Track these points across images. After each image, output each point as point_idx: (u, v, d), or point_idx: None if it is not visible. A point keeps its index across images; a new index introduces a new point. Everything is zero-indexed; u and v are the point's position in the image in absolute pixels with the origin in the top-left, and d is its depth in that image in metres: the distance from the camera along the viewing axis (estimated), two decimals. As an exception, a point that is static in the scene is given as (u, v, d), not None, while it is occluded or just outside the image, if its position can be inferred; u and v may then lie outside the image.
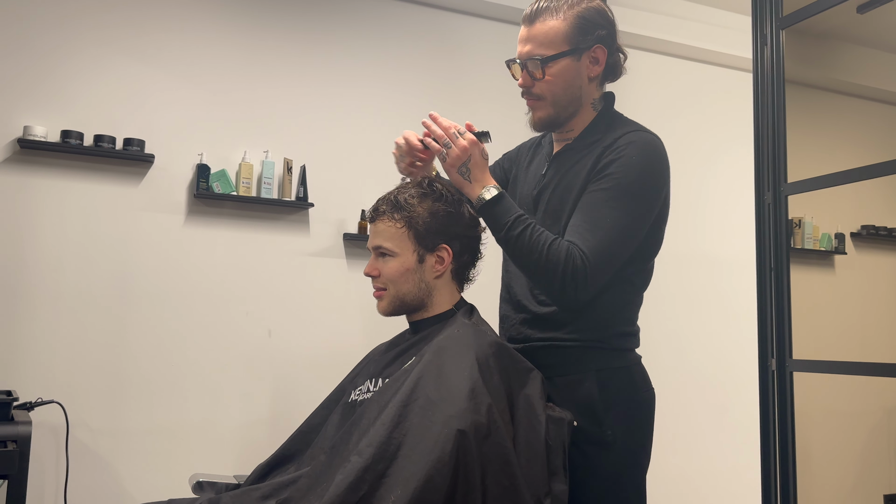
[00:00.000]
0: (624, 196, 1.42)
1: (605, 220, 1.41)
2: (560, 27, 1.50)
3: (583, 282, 1.38)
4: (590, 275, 1.38)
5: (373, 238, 1.56)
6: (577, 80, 1.53)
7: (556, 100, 1.53)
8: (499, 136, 1.94)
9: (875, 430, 3.15)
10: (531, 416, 1.39)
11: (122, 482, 2.83)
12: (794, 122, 2.09)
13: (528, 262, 1.42)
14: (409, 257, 1.51)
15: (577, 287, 1.38)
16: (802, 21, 2.05)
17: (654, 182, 1.47)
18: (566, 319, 1.51)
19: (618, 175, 1.43)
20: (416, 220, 1.51)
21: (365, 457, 1.25)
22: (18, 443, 2.09)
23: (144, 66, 3.00)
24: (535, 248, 1.40)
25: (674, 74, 3.94)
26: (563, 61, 1.51)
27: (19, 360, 2.74)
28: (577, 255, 1.38)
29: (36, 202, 2.81)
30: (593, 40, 1.52)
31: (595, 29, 1.52)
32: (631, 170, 1.44)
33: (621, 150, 1.45)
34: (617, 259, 1.44)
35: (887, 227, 3.40)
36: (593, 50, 1.52)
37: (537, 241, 1.40)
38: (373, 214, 1.57)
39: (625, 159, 1.44)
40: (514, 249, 1.44)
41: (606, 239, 1.40)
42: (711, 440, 3.76)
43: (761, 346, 2.04)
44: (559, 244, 1.40)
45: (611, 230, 1.41)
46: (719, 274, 3.88)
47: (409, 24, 3.47)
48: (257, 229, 3.13)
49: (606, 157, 1.46)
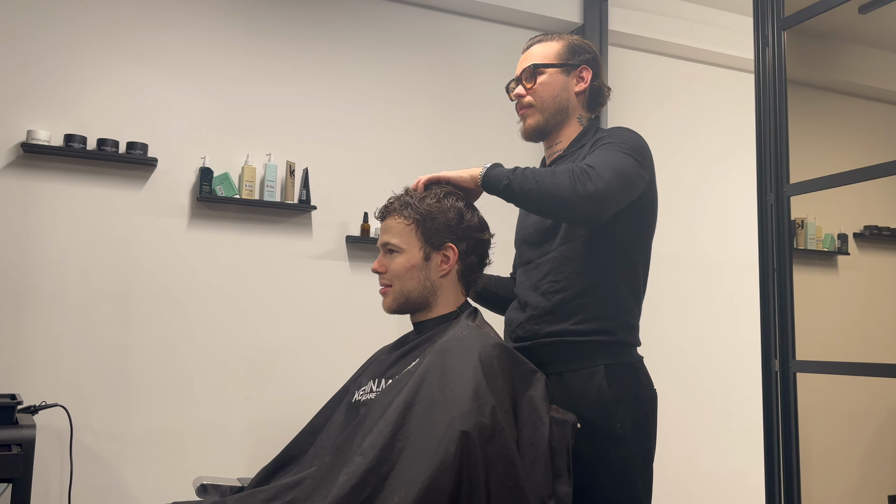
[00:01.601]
0: (620, 145, 1.53)
1: (605, 153, 1.50)
2: (554, 46, 1.71)
3: (595, 177, 1.41)
4: (597, 175, 1.42)
5: (382, 235, 1.59)
6: (563, 92, 1.68)
7: (545, 106, 1.67)
8: (500, 140, 1.96)
9: (879, 431, 3.14)
10: (535, 418, 1.39)
11: (126, 485, 2.83)
12: (796, 123, 2.09)
13: (539, 190, 1.44)
14: (416, 254, 1.54)
15: (590, 179, 1.41)
16: (804, 22, 2.05)
17: (645, 150, 1.56)
18: (573, 311, 1.54)
19: (612, 138, 1.55)
20: (425, 218, 1.54)
21: (368, 458, 1.25)
22: (23, 446, 2.09)
23: (147, 70, 3.00)
24: (542, 174, 1.45)
25: (675, 76, 3.94)
26: (553, 70, 1.68)
27: (23, 363, 2.74)
28: (582, 166, 1.44)
29: (40, 206, 2.82)
30: (580, 61, 1.70)
31: (583, 53, 1.71)
32: (623, 135, 1.57)
33: (608, 133, 1.59)
34: (620, 175, 1.46)
35: (890, 227, 3.39)
36: (580, 69, 1.69)
37: (540, 171, 1.47)
38: (383, 212, 1.60)
39: (615, 134, 1.58)
40: (522, 186, 1.46)
41: (606, 157, 1.48)
42: (715, 441, 3.76)
43: (764, 348, 2.04)
44: (562, 167, 1.47)
45: (610, 154, 1.50)
46: (722, 275, 3.88)
47: (411, 28, 3.47)
48: (260, 232, 3.13)
49: (594, 140, 1.60)
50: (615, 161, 1.47)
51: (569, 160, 1.62)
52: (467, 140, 3.47)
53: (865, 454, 3.13)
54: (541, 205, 1.48)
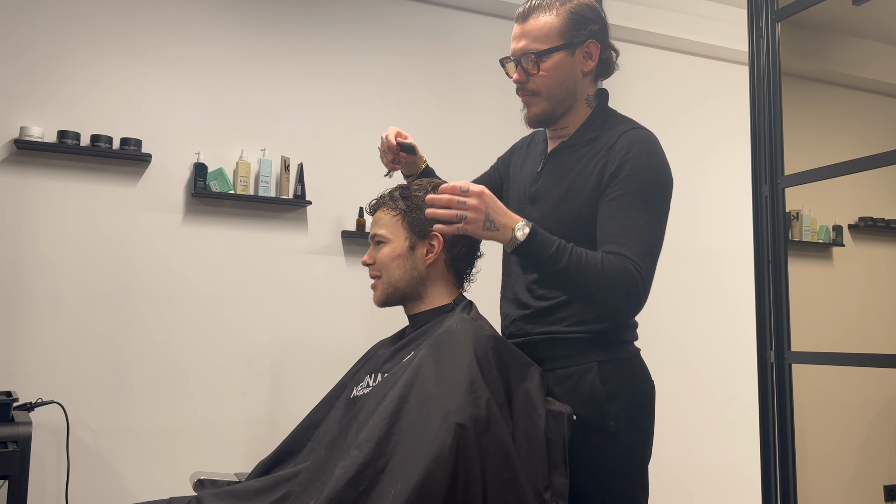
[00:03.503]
0: (646, 198, 1.44)
1: (638, 224, 1.42)
2: (553, 22, 1.51)
3: (643, 289, 1.39)
4: (646, 281, 1.40)
5: (371, 227, 1.63)
6: (571, 75, 1.54)
7: (551, 94, 1.54)
8: (497, 132, 1.95)
9: (875, 422, 3.16)
10: (531, 410, 1.39)
11: (123, 481, 2.83)
12: (791, 115, 2.09)
13: (585, 286, 1.40)
14: (401, 243, 1.56)
15: (639, 295, 1.39)
16: (798, 13, 2.05)
17: (666, 178, 1.49)
18: (565, 313, 1.52)
19: (635, 178, 1.44)
20: (411, 208, 1.56)
21: (364, 451, 1.25)
22: (19, 443, 2.09)
23: (141, 66, 2.99)
24: (590, 270, 1.37)
25: (669, 68, 3.94)
26: (557, 55, 1.52)
27: (19, 360, 2.74)
28: (629, 266, 1.38)
29: (33, 203, 2.81)
30: (586, 35, 1.53)
31: (588, 24, 1.53)
32: (645, 171, 1.45)
33: (628, 153, 1.46)
34: (656, 259, 1.46)
35: (885, 218, 3.40)
36: (586, 45, 1.53)
37: (588, 263, 1.38)
38: (374, 207, 1.63)
39: (635, 160, 1.45)
40: (565, 280, 1.40)
41: (645, 242, 1.42)
42: (711, 433, 3.77)
43: (760, 339, 2.05)
44: (610, 260, 1.39)
45: (646, 233, 1.42)
46: (717, 267, 3.88)
47: (405, 21, 3.47)
48: (255, 228, 3.13)
49: (615, 161, 1.47)
50: (653, 245, 1.44)
51: (574, 153, 1.54)
52: (463, 134, 3.46)
53: (861, 444, 3.15)
54: (584, 297, 1.46)
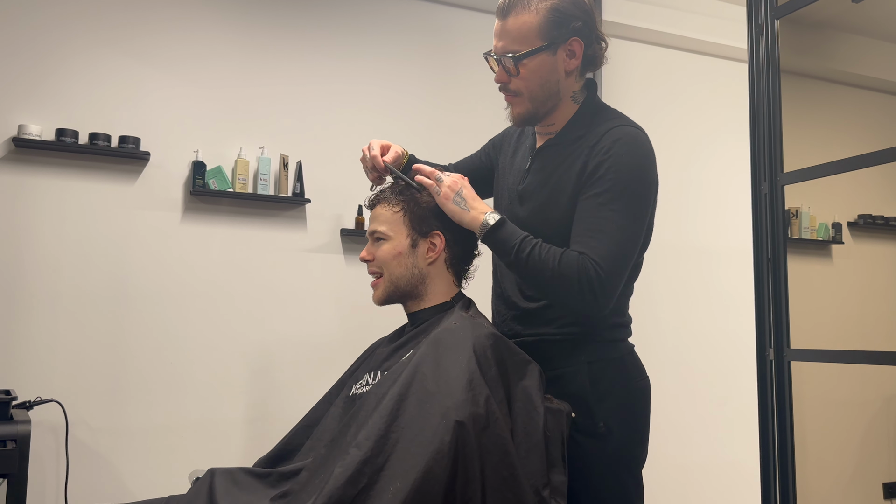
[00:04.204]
0: (621, 197, 1.40)
1: (608, 224, 1.39)
2: (533, 21, 1.44)
3: (600, 290, 1.37)
4: (605, 281, 1.37)
5: (370, 223, 1.60)
6: (553, 76, 1.49)
7: (533, 96, 1.50)
8: (493, 129, 1.95)
9: (874, 419, 3.16)
10: (529, 408, 1.39)
11: (122, 480, 2.83)
12: (790, 112, 2.09)
13: (541, 280, 1.41)
14: (403, 241, 1.54)
15: (596, 296, 1.37)
16: (797, 10, 2.05)
17: (646, 178, 1.45)
18: (554, 315, 1.51)
19: (611, 177, 1.41)
20: (413, 206, 1.55)
21: (364, 450, 1.25)
22: (18, 442, 2.09)
23: (139, 64, 2.99)
24: (546, 265, 1.38)
25: (668, 65, 3.93)
26: (537, 57, 1.46)
27: (17, 359, 2.74)
28: (588, 265, 1.36)
29: (32, 201, 2.80)
30: (569, 33, 1.46)
31: (570, 21, 1.46)
32: (623, 170, 1.41)
33: (609, 150, 1.43)
34: (627, 261, 1.42)
35: (884, 215, 3.40)
36: (569, 43, 1.47)
37: (546, 258, 1.39)
38: (372, 202, 1.61)
39: (614, 159, 1.42)
40: (525, 270, 1.42)
41: (613, 242, 1.39)
42: (711, 431, 3.77)
43: (759, 336, 2.05)
44: (569, 256, 1.38)
45: (615, 233, 1.39)
46: (716, 265, 3.88)
47: (403, 19, 3.46)
48: (254, 226, 3.13)
49: (595, 159, 1.43)
50: (623, 245, 1.40)
51: (561, 152, 1.52)
52: (461, 131, 3.46)
53: (860, 442, 3.15)
54: (541, 291, 1.48)
